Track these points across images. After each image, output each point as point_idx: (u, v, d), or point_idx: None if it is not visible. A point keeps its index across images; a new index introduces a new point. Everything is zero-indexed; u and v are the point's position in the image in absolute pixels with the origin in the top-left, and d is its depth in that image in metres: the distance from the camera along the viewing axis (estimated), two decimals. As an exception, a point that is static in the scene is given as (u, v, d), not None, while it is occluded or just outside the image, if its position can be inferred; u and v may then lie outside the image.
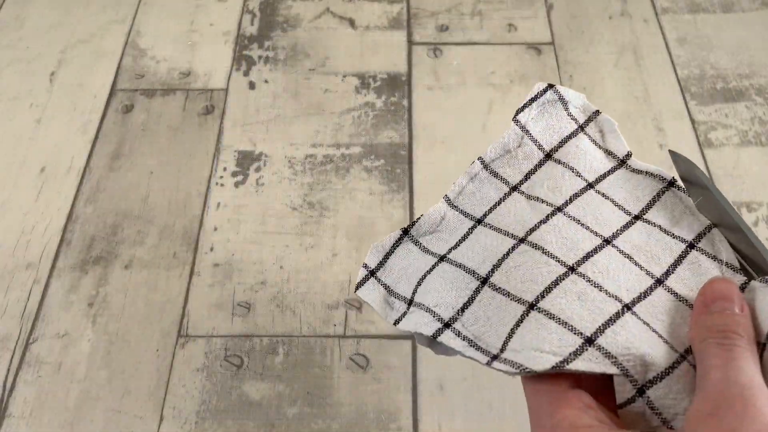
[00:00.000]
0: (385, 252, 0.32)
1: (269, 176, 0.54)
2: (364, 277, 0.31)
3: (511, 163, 0.33)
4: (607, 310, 0.26)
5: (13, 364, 0.44)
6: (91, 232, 0.51)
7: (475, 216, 0.32)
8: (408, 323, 0.29)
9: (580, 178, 0.31)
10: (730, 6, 0.66)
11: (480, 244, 0.30)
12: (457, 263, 0.30)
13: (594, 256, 0.28)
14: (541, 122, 0.34)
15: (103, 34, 0.65)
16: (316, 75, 0.61)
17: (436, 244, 0.32)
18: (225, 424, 0.42)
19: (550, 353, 0.25)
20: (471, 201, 0.33)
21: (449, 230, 0.32)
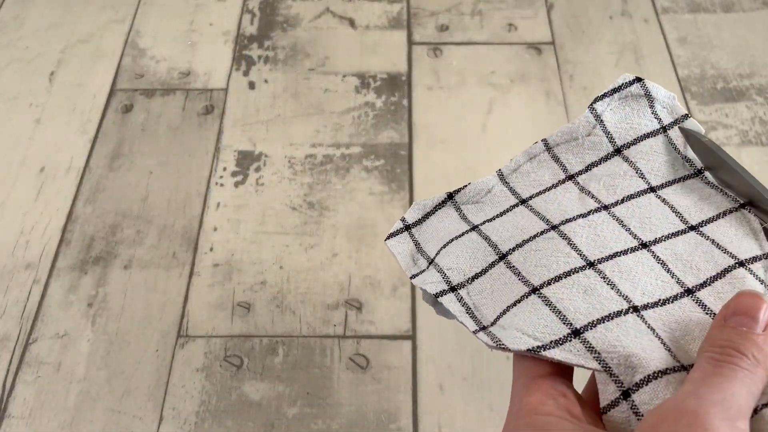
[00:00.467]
0: (426, 212, 0.32)
1: (269, 176, 0.54)
2: (399, 230, 0.31)
3: (575, 150, 0.32)
4: (608, 307, 0.26)
5: (13, 365, 0.44)
6: (91, 232, 0.51)
7: (522, 196, 0.31)
8: (419, 279, 0.29)
9: (642, 180, 0.30)
10: (731, 6, 0.66)
11: (512, 223, 0.31)
12: (485, 235, 0.30)
13: (621, 257, 0.28)
14: (619, 115, 0.33)
15: (103, 34, 0.65)
16: (316, 75, 0.61)
17: (475, 213, 0.32)
18: (225, 424, 0.42)
19: (531, 336, 0.26)
20: (523, 181, 0.32)
21: (492, 204, 0.32)
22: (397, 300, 0.47)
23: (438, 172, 0.54)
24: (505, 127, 0.57)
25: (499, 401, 0.42)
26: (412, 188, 0.53)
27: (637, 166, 0.31)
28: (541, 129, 0.57)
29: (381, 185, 0.53)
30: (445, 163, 0.55)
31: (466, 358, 0.44)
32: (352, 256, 0.49)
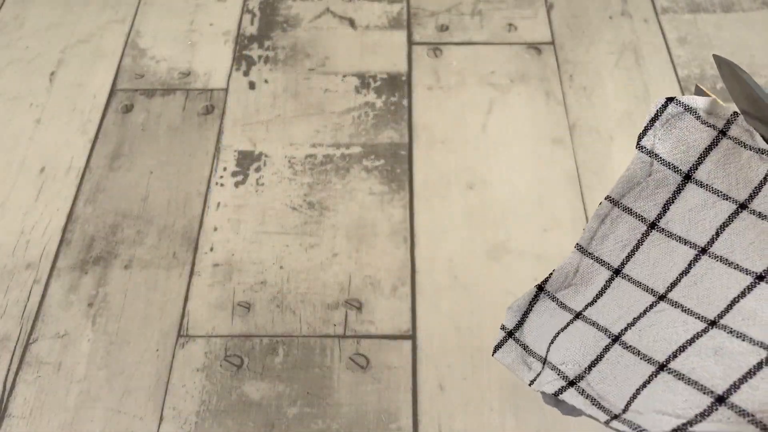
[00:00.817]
0: (522, 311, 0.30)
1: (269, 176, 0.54)
2: (502, 339, 0.30)
3: (643, 194, 0.30)
4: (746, 362, 0.23)
5: (13, 364, 0.44)
6: (91, 232, 0.51)
7: (612, 264, 0.29)
8: (537, 384, 0.28)
9: (728, 201, 0.27)
10: (731, 6, 0.66)
11: (616, 301, 0.29)
12: (591, 321, 0.29)
13: (740, 301, 0.25)
14: (671, 140, 0.30)
15: (103, 34, 0.65)
16: (316, 75, 0.61)
17: (572, 298, 0.30)
18: (225, 424, 0.42)
19: (672, 415, 0.24)
20: (605, 246, 0.30)
21: (585, 282, 0.30)
22: (397, 300, 0.47)
23: (438, 172, 0.54)
24: (505, 127, 0.57)
25: (498, 401, 0.42)
26: (412, 188, 0.53)
27: (714, 188, 0.28)
28: (541, 129, 0.57)
29: (381, 185, 0.53)
30: (445, 162, 0.55)
31: (466, 358, 0.44)
32: (352, 256, 0.49)
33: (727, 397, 0.23)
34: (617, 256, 0.29)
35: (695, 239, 0.28)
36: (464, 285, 0.47)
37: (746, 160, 0.28)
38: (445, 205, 0.52)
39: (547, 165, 0.54)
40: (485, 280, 0.48)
